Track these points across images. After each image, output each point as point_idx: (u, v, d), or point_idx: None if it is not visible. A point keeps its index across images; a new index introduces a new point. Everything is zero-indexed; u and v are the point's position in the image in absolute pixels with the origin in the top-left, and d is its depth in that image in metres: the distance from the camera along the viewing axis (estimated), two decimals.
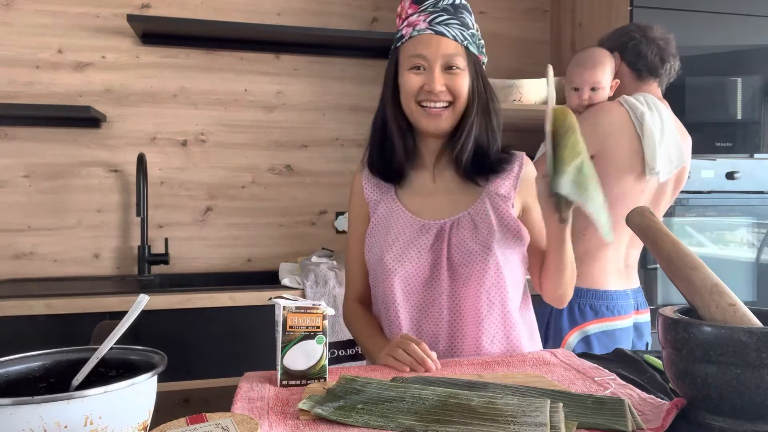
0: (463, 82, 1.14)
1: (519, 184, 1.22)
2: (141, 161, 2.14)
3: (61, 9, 2.18)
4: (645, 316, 1.79)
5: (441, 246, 1.15)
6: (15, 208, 2.17)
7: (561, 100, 2.23)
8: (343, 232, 2.45)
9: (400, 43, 1.18)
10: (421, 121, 1.17)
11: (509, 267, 1.16)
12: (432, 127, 1.16)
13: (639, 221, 0.87)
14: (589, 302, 1.71)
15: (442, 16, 1.13)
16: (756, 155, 2.16)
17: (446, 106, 1.15)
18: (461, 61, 1.14)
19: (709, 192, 2.11)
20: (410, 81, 1.15)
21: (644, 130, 1.66)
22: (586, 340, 1.71)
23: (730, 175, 2.13)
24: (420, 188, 1.23)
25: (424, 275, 1.15)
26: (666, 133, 1.69)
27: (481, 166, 1.20)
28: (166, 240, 2.24)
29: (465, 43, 1.14)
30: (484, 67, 1.21)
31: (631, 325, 1.75)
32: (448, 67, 1.13)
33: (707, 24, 2.08)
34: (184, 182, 2.31)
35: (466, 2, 1.19)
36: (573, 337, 1.72)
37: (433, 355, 1.01)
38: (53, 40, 2.18)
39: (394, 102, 1.20)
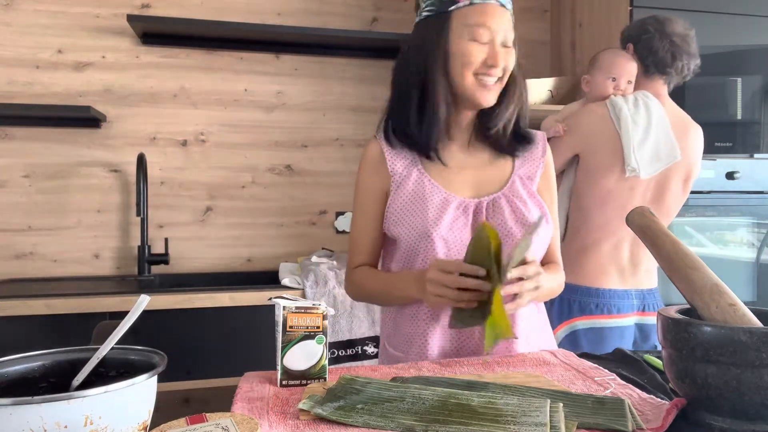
0: (514, 58, 1.13)
1: (542, 167, 1.22)
2: (141, 161, 2.14)
3: (61, 9, 2.18)
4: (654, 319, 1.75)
5: None
6: (15, 208, 2.17)
7: (564, 99, 2.24)
8: (343, 232, 2.45)
9: (454, 7, 1.09)
10: (475, 94, 1.12)
11: (540, 249, 1.17)
12: (485, 100, 1.12)
13: (639, 221, 0.87)
14: (578, 299, 1.72)
15: None
16: (756, 155, 2.16)
17: (497, 81, 1.13)
18: (513, 36, 1.12)
19: (709, 192, 2.11)
20: (473, 52, 1.08)
21: (621, 126, 1.66)
22: (573, 335, 1.72)
23: (730, 175, 2.13)
24: (447, 162, 1.19)
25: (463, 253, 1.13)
26: (653, 130, 1.68)
27: (517, 136, 1.20)
28: (166, 240, 2.24)
29: (513, 19, 1.12)
30: None
31: (630, 324, 1.73)
32: (505, 43, 1.10)
33: (707, 24, 2.08)
34: (184, 182, 2.31)
35: None
36: (561, 332, 1.73)
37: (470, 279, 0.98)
38: (53, 40, 2.18)
39: (440, 71, 1.12)
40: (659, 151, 1.69)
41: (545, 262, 1.24)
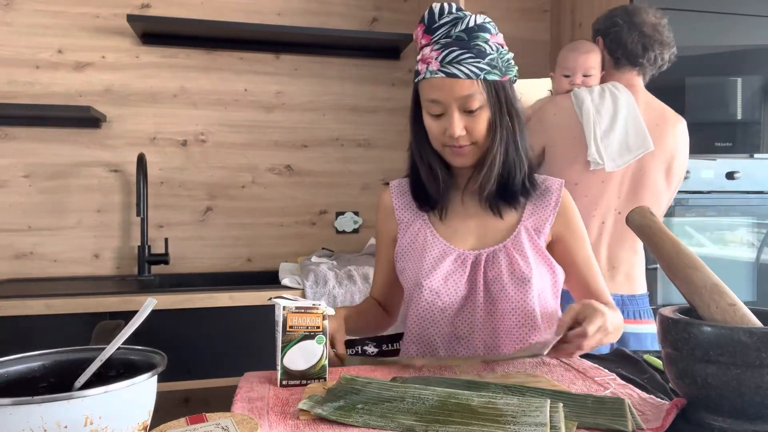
0: (482, 123, 1.09)
1: (555, 218, 1.19)
2: (141, 161, 2.14)
3: (61, 9, 2.18)
4: (637, 327, 1.65)
5: (477, 278, 1.13)
6: (15, 208, 2.17)
7: None
8: (343, 232, 2.45)
9: (416, 80, 1.13)
10: (447, 158, 1.15)
11: (543, 301, 1.15)
12: (459, 164, 1.15)
13: (639, 221, 0.87)
14: None
15: (454, 51, 1.05)
16: (756, 155, 2.16)
17: (470, 144, 1.11)
18: (479, 100, 1.07)
19: (709, 192, 2.11)
20: (431, 127, 1.12)
21: (582, 116, 1.62)
22: None
23: (730, 175, 2.13)
24: (451, 211, 1.21)
25: (458, 305, 1.14)
26: (621, 120, 1.62)
27: (505, 195, 1.16)
28: (166, 240, 2.24)
29: (482, 75, 1.06)
30: (515, 79, 1.15)
31: None
32: (466, 110, 1.08)
33: (707, 24, 2.08)
34: (184, 182, 2.31)
35: (482, 21, 1.09)
36: None
37: None
38: (53, 40, 2.18)
39: (420, 137, 1.16)
40: (628, 142, 1.63)
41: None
